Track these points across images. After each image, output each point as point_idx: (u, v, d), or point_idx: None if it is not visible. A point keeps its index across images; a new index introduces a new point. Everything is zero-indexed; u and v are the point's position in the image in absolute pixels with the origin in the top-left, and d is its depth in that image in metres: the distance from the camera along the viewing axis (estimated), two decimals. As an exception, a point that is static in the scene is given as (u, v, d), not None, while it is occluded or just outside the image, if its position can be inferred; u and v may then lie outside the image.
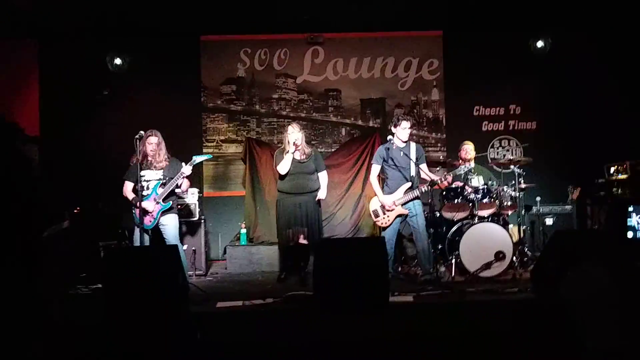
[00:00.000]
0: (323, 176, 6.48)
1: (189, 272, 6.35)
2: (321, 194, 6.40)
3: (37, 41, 8.33)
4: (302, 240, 6.32)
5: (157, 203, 5.88)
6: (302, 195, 6.32)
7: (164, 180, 5.94)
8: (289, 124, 6.61)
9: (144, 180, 5.90)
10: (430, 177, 6.15)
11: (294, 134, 6.29)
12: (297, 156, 6.34)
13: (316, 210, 6.38)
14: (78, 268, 6.53)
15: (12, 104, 8.07)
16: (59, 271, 5.74)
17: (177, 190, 6.07)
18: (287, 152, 6.29)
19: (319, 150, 7.66)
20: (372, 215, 6.38)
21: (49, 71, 8.28)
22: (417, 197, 6.13)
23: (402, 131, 6.18)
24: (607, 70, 8.19)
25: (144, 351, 3.92)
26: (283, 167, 6.32)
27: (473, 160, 7.08)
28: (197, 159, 6.04)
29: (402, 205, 6.13)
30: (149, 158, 5.99)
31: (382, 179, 6.45)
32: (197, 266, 7.13)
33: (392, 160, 6.19)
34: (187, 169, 5.89)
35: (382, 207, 6.22)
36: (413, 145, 6.32)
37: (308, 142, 6.64)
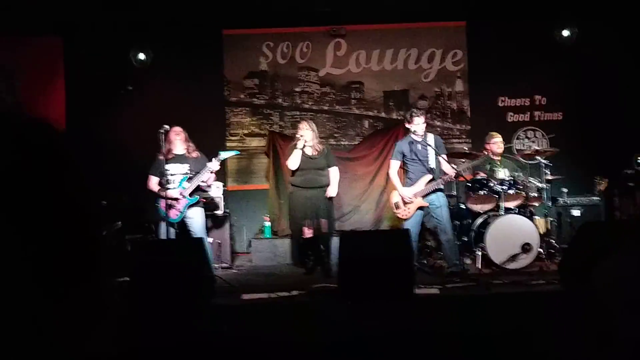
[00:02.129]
0: (334, 172, 6.54)
1: (214, 265, 6.39)
2: (331, 191, 6.46)
3: (61, 39, 8.42)
4: (309, 234, 6.38)
5: (184, 197, 5.92)
6: (313, 190, 6.43)
7: (190, 175, 5.98)
8: (303, 120, 6.65)
9: (170, 174, 5.95)
10: (448, 170, 6.11)
11: (302, 131, 6.38)
12: (309, 152, 6.43)
13: (327, 204, 6.46)
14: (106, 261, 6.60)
15: (39, 101, 8.18)
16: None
17: (203, 184, 6.11)
18: (296, 147, 6.36)
19: (341, 143, 7.69)
20: (393, 207, 6.38)
21: (74, 67, 8.36)
22: (439, 189, 6.09)
23: (416, 127, 6.16)
24: (634, 59, 8.04)
25: (170, 343, 3.96)
26: (291, 162, 6.42)
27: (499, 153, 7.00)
28: (224, 154, 6.08)
29: (422, 197, 6.10)
30: (177, 149, 6.04)
31: (405, 172, 6.43)
32: (223, 259, 7.18)
33: (412, 153, 6.18)
34: (214, 165, 5.93)
35: (403, 199, 6.22)
36: (431, 136, 6.31)
37: (328, 137, 6.71)
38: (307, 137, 6.39)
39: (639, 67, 8.05)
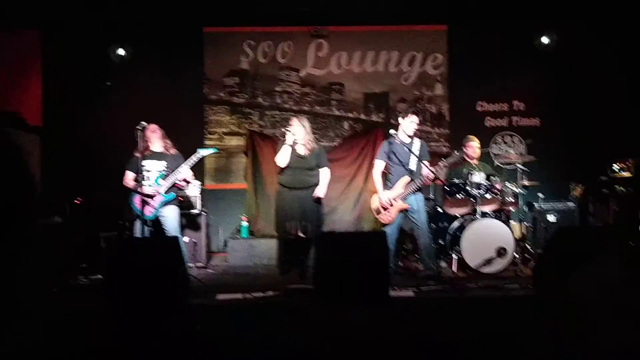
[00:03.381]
0: (324, 173, 6.37)
1: (189, 264, 6.34)
2: (319, 191, 6.27)
3: (39, 31, 8.29)
4: (300, 234, 6.25)
5: (159, 193, 5.87)
6: (302, 190, 6.26)
7: (167, 172, 5.94)
8: (294, 117, 6.52)
9: (145, 170, 5.91)
10: (428, 170, 6.06)
11: (293, 127, 6.23)
12: (300, 151, 6.27)
13: (315, 206, 6.31)
14: (78, 259, 6.53)
15: (14, 94, 8.06)
16: (52, 265, 5.71)
17: (179, 183, 6.05)
18: (285, 143, 6.22)
19: (321, 143, 7.61)
20: (374, 212, 6.35)
21: (51, 61, 8.25)
22: (418, 189, 6.07)
23: (409, 124, 6.12)
24: (612, 67, 8.15)
25: (144, 342, 3.91)
26: (280, 159, 6.25)
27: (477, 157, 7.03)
28: (203, 152, 6.04)
29: (402, 199, 6.09)
30: (155, 146, 5.99)
31: (385, 174, 6.41)
32: (198, 258, 7.14)
33: (395, 155, 6.15)
34: (185, 170, 5.89)
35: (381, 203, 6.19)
36: (417, 141, 6.26)
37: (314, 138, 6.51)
38: (298, 134, 6.21)
39: (617, 75, 8.17)
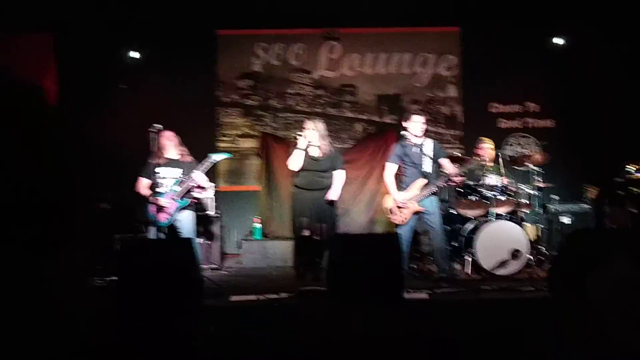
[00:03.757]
0: (339, 175, 6.33)
1: (203, 266, 6.35)
2: (332, 194, 6.23)
3: (53, 34, 8.37)
4: (314, 236, 6.22)
5: (174, 200, 5.88)
6: (316, 192, 6.23)
7: (182, 179, 5.93)
8: (308, 120, 6.48)
9: (160, 178, 5.90)
10: (449, 171, 6.06)
11: (306, 131, 6.21)
12: (314, 153, 6.25)
13: (329, 206, 6.29)
14: (93, 260, 6.58)
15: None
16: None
17: (196, 191, 6.05)
18: (298, 147, 6.20)
19: (334, 145, 7.59)
20: (387, 212, 6.32)
21: (66, 64, 8.32)
22: (433, 193, 6.06)
23: (413, 125, 6.09)
24: (627, 67, 8.09)
25: (157, 343, 3.93)
26: (292, 162, 6.23)
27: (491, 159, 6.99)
28: (215, 157, 6.02)
29: (417, 202, 6.06)
30: (169, 153, 5.99)
31: (398, 175, 6.39)
32: (212, 260, 7.15)
33: (408, 156, 6.13)
34: (198, 176, 5.88)
35: (397, 204, 6.17)
36: (429, 141, 6.24)
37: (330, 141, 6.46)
38: (312, 137, 6.19)
39: (632, 75, 8.10)
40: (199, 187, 6.03)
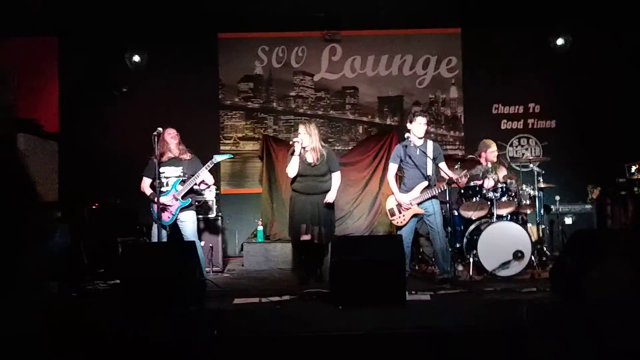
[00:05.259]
0: (335, 177, 6.30)
1: (206, 269, 6.36)
2: (329, 197, 6.20)
3: (56, 38, 8.40)
4: (313, 239, 6.18)
5: (176, 200, 5.91)
6: (314, 196, 6.21)
7: (184, 178, 5.97)
8: (300, 124, 6.44)
9: (164, 177, 5.95)
10: (448, 176, 6.08)
11: (300, 136, 6.17)
12: (310, 159, 6.22)
13: (328, 210, 6.28)
14: (97, 264, 6.60)
15: (32, 101, 8.15)
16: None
17: (200, 188, 6.09)
18: (293, 153, 6.19)
19: (335, 148, 7.66)
20: (388, 214, 6.33)
21: (69, 69, 8.35)
22: (434, 196, 6.07)
23: (417, 126, 6.10)
24: (628, 68, 8.09)
25: (160, 346, 3.94)
26: (290, 169, 6.21)
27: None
28: (218, 158, 6.06)
29: (418, 204, 6.08)
30: (172, 152, 6.02)
31: (399, 177, 6.40)
32: (214, 262, 7.16)
33: (409, 158, 6.14)
34: (204, 173, 5.92)
35: (399, 206, 6.17)
36: (430, 143, 6.25)
37: (324, 142, 6.46)
38: (305, 141, 6.16)
39: (633, 75, 8.10)
40: (203, 182, 6.05)
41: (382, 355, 3.86)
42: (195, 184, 6.00)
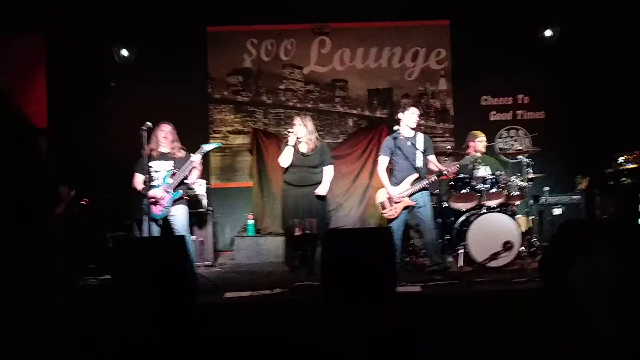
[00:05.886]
0: (327, 170, 6.40)
1: (196, 263, 6.36)
2: (320, 189, 6.29)
3: (43, 34, 8.33)
4: (305, 231, 6.27)
5: (167, 192, 5.89)
6: (306, 187, 6.29)
7: (174, 171, 5.95)
8: (297, 116, 6.55)
9: (154, 171, 5.92)
10: (438, 168, 6.12)
11: (295, 127, 6.28)
12: (303, 149, 6.29)
13: (319, 203, 6.33)
14: (86, 259, 6.57)
15: (20, 97, 8.04)
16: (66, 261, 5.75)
17: (187, 181, 6.07)
18: (287, 144, 6.26)
19: (325, 141, 7.66)
20: (379, 207, 6.36)
21: (56, 64, 8.28)
22: (424, 188, 6.09)
23: (410, 116, 6.12)
24: (616, 60, 8.13)
25: (151, 341, 3.94)
26: (283, 159, 6.30)
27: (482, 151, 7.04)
28: (206, 147, 6.05)
29: (409, 196, 6.10)
30: (163, 147, 6.00)
31: (389, 169, 6.41)
32: (205, 257, 7.16)
33: (399, 150, 6.16)
34: (196, 157, 5.90)
35: (389, 198, 6.19)
36: (420, 135, 6.28)
37: (317, 136, 6.51)
38: (300, 133, 6.26)
39: (620, 66, 8.14)
40: (193, 169, 6.00)
41: (372, 349, 3.88)
42: (187, 176, 5.97)
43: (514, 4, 8.00)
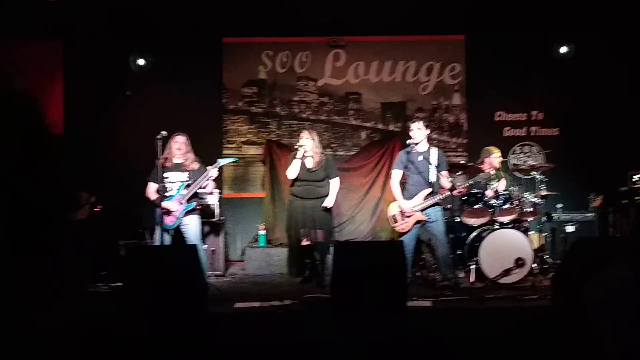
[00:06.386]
0: (334, 183, 6.43)
1: (207, 273, 6.37)
2: (327, 202, 6.35)
3: (60, 41, 8.43)
4: (306, 242, 6.37)
5: (181, 204, 5.91)
6: (312, 200, 6.35)
7: (189, 182, 5.96)
8: (304, 129, 6.57)
9: (168, 182, 5.94)
10: (445, 186, 6.05)
11: (303, 140, 6.33)
12: (309, 164, 6.34)
13: (324, 215, 6.38)
14: (98, 266, 6.60)
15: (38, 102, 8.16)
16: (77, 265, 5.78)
17: (201, 191, 6.09)
18: (295, 157, 6.32)
19: (338, 153, 7.68)
20: (391, 221, 6.33)
21: (73, 71, 8.37)
22: (437, 203, 6.07)
23: (416, 132, 6.10)
24: (631, 77, 8.10)
25: (162, 350, 3.94)
26: (291, 172, 6.36)
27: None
28: (222, 161, 6.08)
29: (421, 211, 6.08)
30: (177, 158, 6.02)
31: (402, 183, 6.40)
32: (216, 266, 7.17)
33: (412, 164, 6.14)
34: (213, 171, 5.91)
35: (401, 212, 6.17)
36: (434, 150, 6.24)
37: (325, 147, 6.61)
38: (307, 146, 6.32)
39: (636, 84, 8.10)
40: (209, 179, 6.02)
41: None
42: (201, 188, 6.00)
43: (529, 20, 7.99)
